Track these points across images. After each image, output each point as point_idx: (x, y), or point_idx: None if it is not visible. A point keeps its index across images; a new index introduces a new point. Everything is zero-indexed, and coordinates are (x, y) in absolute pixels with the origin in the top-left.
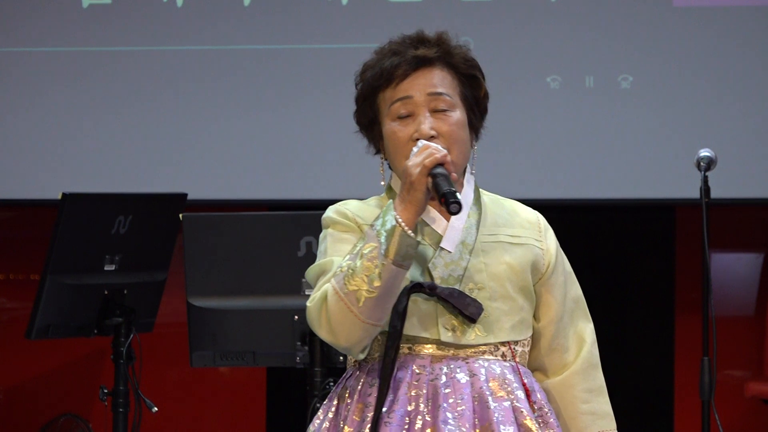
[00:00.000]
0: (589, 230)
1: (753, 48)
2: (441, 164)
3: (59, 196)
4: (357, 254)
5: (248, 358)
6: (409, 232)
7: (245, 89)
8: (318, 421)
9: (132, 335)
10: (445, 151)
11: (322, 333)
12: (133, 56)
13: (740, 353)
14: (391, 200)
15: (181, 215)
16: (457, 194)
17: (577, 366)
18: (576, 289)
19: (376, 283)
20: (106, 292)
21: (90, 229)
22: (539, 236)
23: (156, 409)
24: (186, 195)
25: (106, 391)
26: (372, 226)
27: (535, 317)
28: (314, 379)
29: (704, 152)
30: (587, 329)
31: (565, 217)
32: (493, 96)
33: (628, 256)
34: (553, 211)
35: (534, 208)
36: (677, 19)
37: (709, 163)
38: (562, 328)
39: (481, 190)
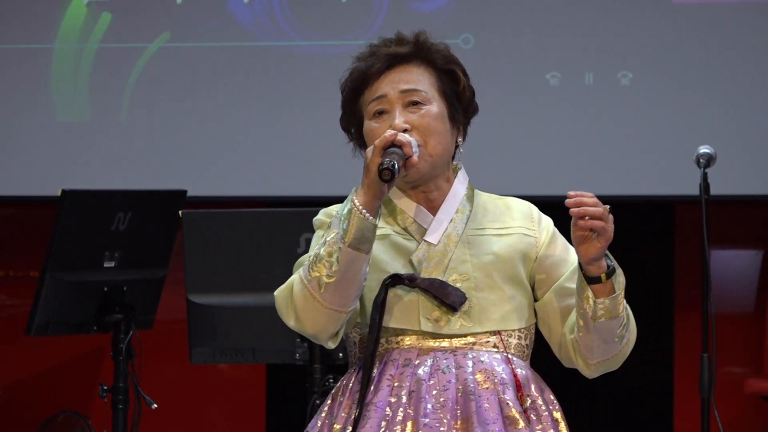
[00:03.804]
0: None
1: (752, 44)
2: (397, 146)
3: (59, 193)
4: (323, 242)
5: (248, 355)
6: (366, 214)
7: (244, 86)
8: (312, 422)
9: (131, 332)
10: (396, 132)
11: (290, 321)
12: (132, 53)
13: (740, 350)
14: (355, 187)
15: (180, 212)
16: (395, 165)
17: None
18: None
19: (335, 268)
20: (105, 289)
21: (90, 226)
22: (531, 225)
23: (155, 406)
24: (186, 192)
25: (105, 388)
26: (336, 213)
27: (536, 298)
28: (314, 376)
29: (704, 149)
30: None
31: (565, 214)
32: (493, 93)
33: (627, 253)
34: (552, 208)
35: (533, 205)
36: (677, 16)
37: (709, 160)
38: (560, 296)
39: (476, 190)
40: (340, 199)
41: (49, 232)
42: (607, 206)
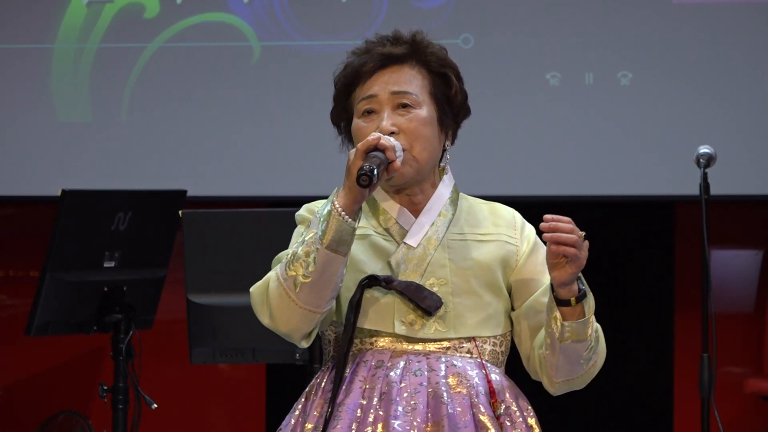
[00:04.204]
0: (588, 227)
1: (752, 44)
2: (380, 150)
3: (59, 193)
4: (301, 241)
5: (248, 354)
6: (345, 216)
7: (244, 86)
8: (286, 419)
9: (131, 332)
10: (381, 135)
11: (264, 318)
12: (131, 53)
13: (740, 350)
14: (337, 188)
15: (180, 212)
16: (375, 171)
17: None
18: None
19: (311, 269)
20: (105, 289)
21: (90, 226)
22: (513, 233)
23: (155, 405)
24: (186, 192)
25: (105, 388)
26: (317, 213)
27: (513, 308)
28: (313, 376)
29: (704, 149)
30: None
31: (565, 214)
32: (493, 93)
33: (628, 253)
34: (552, 208)
35: (533, 205)
36: (676, 16)
37: (709, 160)
38: (534, 312)
39: (462, 193)
40: None
41: (49, 232)
42: (582, 233)
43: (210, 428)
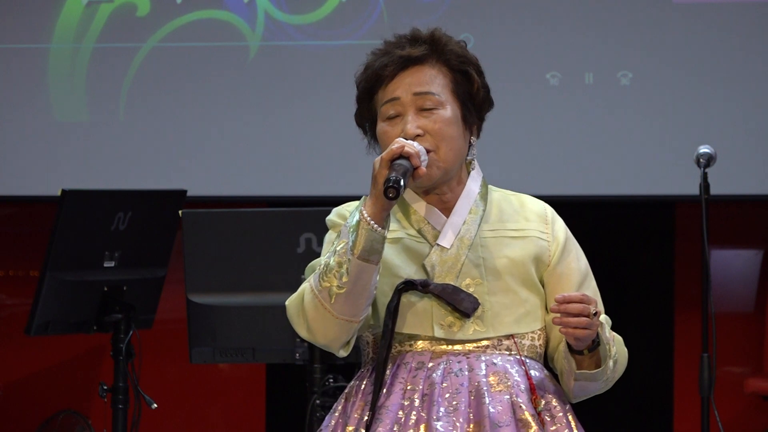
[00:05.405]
0: (588, 227)
1: (753, 44)
2: (405, 157)
3: (59, 193)
4: (333, 251)
5: (248, 354)
6: (375, 225)
7: (244, 86)
8: (326, 420)
9: (131, 332)
10: (405, 143)
11: (301, 330)
12: (132, 52)
13: (740, 349)
14: (364, 196)
15: (180, 212)
16: (401, 182)
17: None
18: (590, 281)
19: (345, 279)
20: (105, 289)
21: (89, 226)
22: (545, 228)
23: (155, 405)
24: (185, 191)
25: (105, 387)
26: (346, 223)
27: (547, 309)
28: (313, 375)
29: (704, 149)
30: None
31: (565, 213)
32: (493, 92)
33: (628, 253)
34: (552, 207)
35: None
36: (677, 16)
37: (709, 160)
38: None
39: (491, 186)
40: (338, 199)
41: (49, 231)
42: (593, 310)
43: (210, 428)
